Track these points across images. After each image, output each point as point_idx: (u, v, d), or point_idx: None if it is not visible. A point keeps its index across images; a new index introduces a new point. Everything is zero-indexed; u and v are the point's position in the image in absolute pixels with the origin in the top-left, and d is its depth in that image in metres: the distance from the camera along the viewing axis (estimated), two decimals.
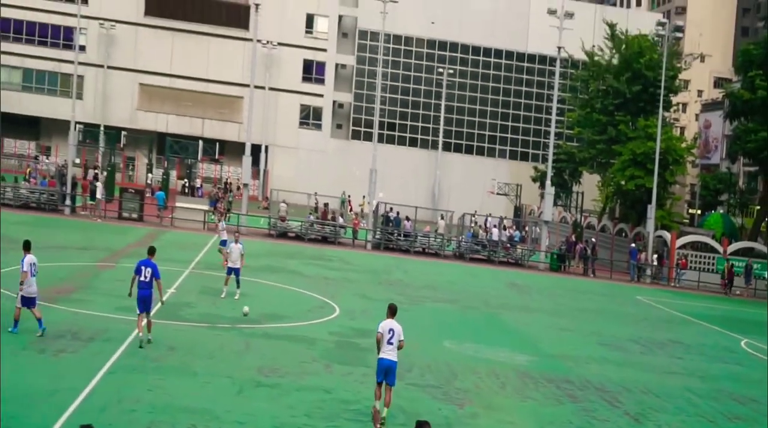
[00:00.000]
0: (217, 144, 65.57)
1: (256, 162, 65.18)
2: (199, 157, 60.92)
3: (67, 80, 67.85)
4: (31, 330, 18.59)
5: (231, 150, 70.16)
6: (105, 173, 54.41)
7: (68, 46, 69.01)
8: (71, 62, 57.85)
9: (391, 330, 15.14)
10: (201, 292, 26.41)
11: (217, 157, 64.21)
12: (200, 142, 59.86)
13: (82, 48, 64.16)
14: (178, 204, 48.87)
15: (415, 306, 28.85)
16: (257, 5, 51.53)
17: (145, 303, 18.69)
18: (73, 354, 17.33)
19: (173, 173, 65.17)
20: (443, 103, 74.74)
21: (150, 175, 66.29)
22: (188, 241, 40.13)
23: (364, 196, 61.39)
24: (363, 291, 31.07)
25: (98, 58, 71.12)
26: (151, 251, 19.56)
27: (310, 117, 75.41)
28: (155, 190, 55.75)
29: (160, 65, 72.40)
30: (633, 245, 49.58)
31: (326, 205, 51.65)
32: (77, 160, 55.86)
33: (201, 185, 63.38)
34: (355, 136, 76.32)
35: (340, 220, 49.78)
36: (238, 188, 54.42)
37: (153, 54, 72.20)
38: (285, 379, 17.34)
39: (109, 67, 71.64)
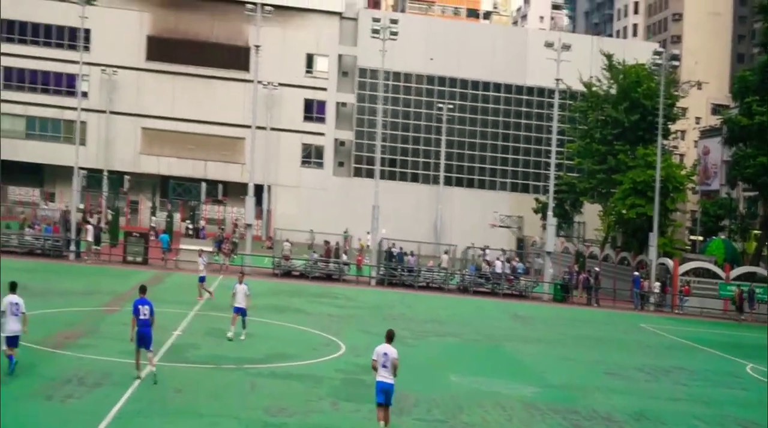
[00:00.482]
0: (220, 185, 66.15)
1: (259, 202, 65.46)
2: (203, 199, 61.36)
3: (70, 126, 68.55)
4: (38, 376, 18.80)
5: (234, 190, 70.58)
6: (98, 216, 54.62)
7: (71, 93, 69.72)
8: (74, 109, 58.45)
9: (385, 354, 16.17)
10: (206, 334, 26.53)
11: (220, 198, 64.64)
12: (203, 184, 60.42)
13: (85, 94, 64.83)
14: (182, 246, 49.13)
15: (420, 341, 28.94)
16: (257, 47, 52.15)
17: (144, 341, 19.25)
18: (79, 399, 17.45)
19: (177, 215, 65.50)
20: (444, 137, 75.27)
21: (154, 217, 66.61)
22: (193, 283, 40.07)
23: (360, 240, 61.56)
24: (368, 327, 31.15)
25: (101, 103, 71.88)
26: (143, 289, 19.85)
27: (311, 155, 75.95)
28: (159, 233, 56.04)
29: (161, 109, 73.12)
30: (636, 273, 49.67)
31: (327, 242, 51.85)
32: (81, 206, 56.24)
33: (204, 227, 63.67)
34: (357, 173, 76.79)
35: (344, 257, 49.98)
36: (245, 228, 54.74)
37: (155, 98, 72.98)
38: (292, 418, 17.44)
39: (111, 112, 72.37)
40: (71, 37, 69.71)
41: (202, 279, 34.46)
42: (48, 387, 18.07)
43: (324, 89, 75.61)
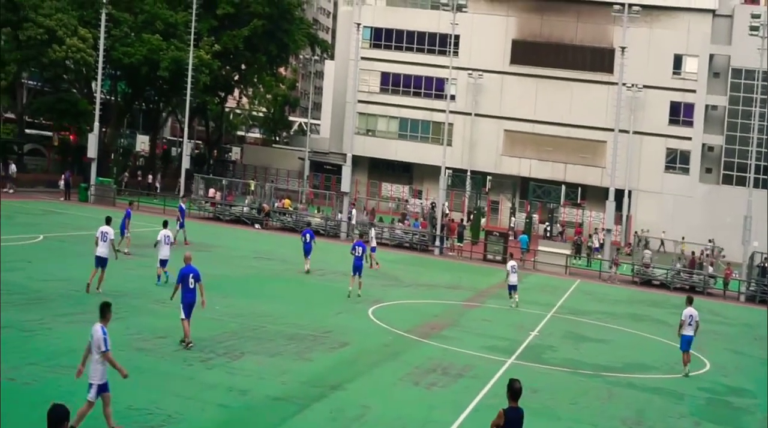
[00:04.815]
0: (579, 188, 65.56)
1: (618, 206, 63.92)
2: (561, 202, 61.29)
3: (438, 128, 72.22)
4: (406, 363, 20.00)
5: (593, 194, 69.69)
6: (472, 217, 56.83)
7: (439, 96, 73.40)
8: (442, 111, 61.36)
9: (690, 315, 22.59)
10: (563, 336, 26.44)
11: (579, 201, 64.10)
12: (562, 187, 60.28)
13: (453, 97, 67.70)
14: (540, 247, 49.53)
15: None
16: (623, 48, 50.94)
17: (358, 270, 27.70)
18: (442, 388, 18.26)
19: (535, 217, 66.20)
20: None
21: (513, 218, 67.91)
22: (550, 285, 40.53)
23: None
24: (735, 345, 29.07)
25: (466, 106, 74.70)
26: (361, 235, 30.11)
27: (676, 161, 72.51)
28: (518, 233, 57.02)
29: (523, 111, 74.20)
30: None
31: (693, 252, 49.25)
32: (446, 204, 58.92)
33: (563, 229, 63.59)
34: (727, 180, 71.89)
35: (710, 269, 47.11)
36: (604, 233, 53.82)
37: (517, 100, 74.27)
38: None
39: (476, 115, 74.93)
40: (441, 43, 73.26)
41: (373, 250, 37.63)
42: (415, 374, 19.13)
43: (692, 91, 71.70)
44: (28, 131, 67.64)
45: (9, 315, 19.57)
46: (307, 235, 33.03)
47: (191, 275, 18.67)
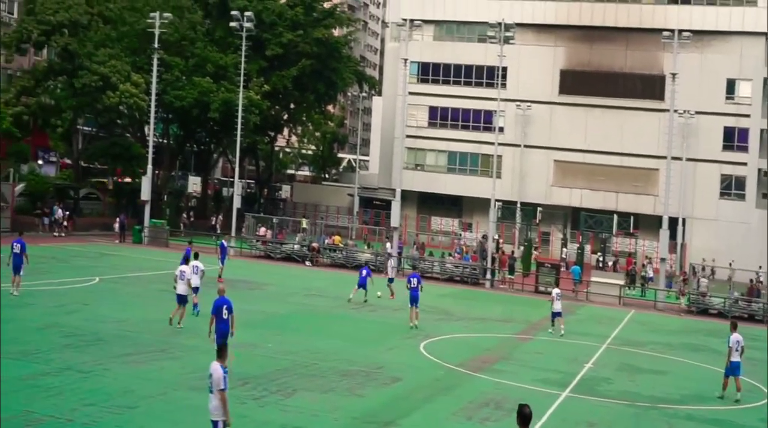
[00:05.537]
0: (632, 217, 64.77)
1: (672, 235, 62.94)
2: (614, 231, 60.57)
3: (487, 160, 72.05)
4: (459, 397, 19.88)
5: (645, 223, 68.76)
6: (522, 248, 56.46)
7: (488, 129, 73.28)
8: (491, 143, 61.31)
9: (737, 341, 22.45)
10: (618, 368, 26.02)
11: (631, 230, 63.29)
12: (614, 216, 59.60)
13: (501, 129, 67.57)
14: (593, 278, 48.94)
15: None
16: (674, 75, 50.48)
17: (415, 301, 28.65)
18: (496, 423, 18.08)
19: (587, 247, 65.45)
20: None
21: (565, 249, 67.26)
22: (604, 316, 40.00)
23: None
24: None
25: (515, 137, 74.53)
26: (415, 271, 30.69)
27: (731, 187, 71.30)
28: (570, 264, 56.44)
29: (573, 141, 73.77)
30: None
31: (752, 280, 48.22)
32: (496, 236, 58.66)
33: (616, 259, 62.75)
34: None
35: None
36: (659, 262, 52.88)
37: (566, 131, 73.90)
38: None
39: (525, 146, 74.71)
40: (489, 76, 73.37)
41: (390, 281, 38.51)
42: (468, 408, 18.99)
43: (747, 116, 70.61)
44: (85, 176, 69.19)
45: (67, 356, 19.98)
46: (364, 271, 34.96)
47: (225, 306, 19.63)
